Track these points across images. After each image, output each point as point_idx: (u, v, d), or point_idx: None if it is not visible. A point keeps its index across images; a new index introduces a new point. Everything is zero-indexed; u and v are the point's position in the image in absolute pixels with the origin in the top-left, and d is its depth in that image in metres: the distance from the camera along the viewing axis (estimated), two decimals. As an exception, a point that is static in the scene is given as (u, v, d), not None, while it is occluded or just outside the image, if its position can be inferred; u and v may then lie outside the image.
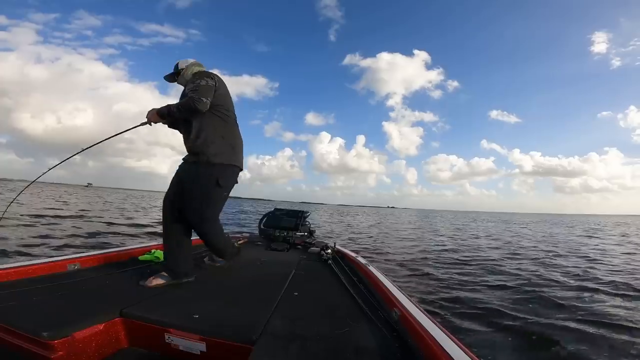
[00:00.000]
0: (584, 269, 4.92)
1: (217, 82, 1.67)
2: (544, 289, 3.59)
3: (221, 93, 1.69)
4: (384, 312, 1.31)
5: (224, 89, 1.73)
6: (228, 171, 1.70)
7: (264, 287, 1.62)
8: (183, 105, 1.57)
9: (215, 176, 1.63)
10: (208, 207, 1.66)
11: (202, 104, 1.55)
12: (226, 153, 1.67)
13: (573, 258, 6.18)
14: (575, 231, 15.37)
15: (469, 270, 4.62)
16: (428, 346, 0.91)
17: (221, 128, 1.68)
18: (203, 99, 1.55)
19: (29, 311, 1.10)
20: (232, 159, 1.71)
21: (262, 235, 3.48)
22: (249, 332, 1.05)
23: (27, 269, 1.50)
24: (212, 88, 1.62)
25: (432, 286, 3.64)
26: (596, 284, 3.92)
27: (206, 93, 1.58)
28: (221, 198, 1.73)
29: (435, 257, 5.76)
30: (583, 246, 8.40)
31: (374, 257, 5.56)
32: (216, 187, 1.64)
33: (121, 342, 1.16)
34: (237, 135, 1.80)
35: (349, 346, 1.01)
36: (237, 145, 1.77)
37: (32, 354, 0.95)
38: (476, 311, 2.79)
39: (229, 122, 1.74)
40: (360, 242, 7.97)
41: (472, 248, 7.31)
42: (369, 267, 1.99)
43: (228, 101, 1.75)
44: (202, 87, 1.58)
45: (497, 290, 3.55)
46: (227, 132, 1.72)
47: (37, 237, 5.09)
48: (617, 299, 3.32)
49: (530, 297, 3.25)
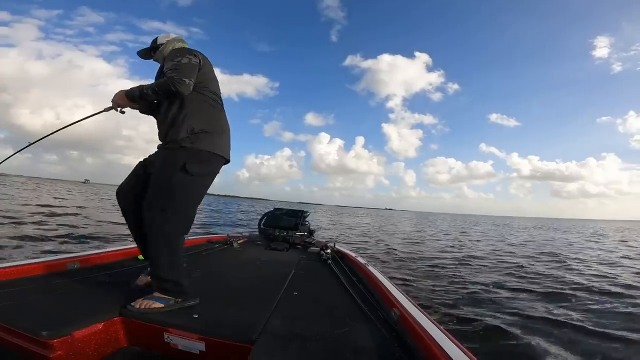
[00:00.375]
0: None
1: (202, 59, 1.41)
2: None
3: (206, 72, 1.43)
4: (383, 312, 1.31)
5: (209, 67, 1.47)
6: (202, 156, 1.36)
7: (263, 287, 1.62)
8: (160, 86, 1.29)
9: (183, 160, 1.31)
10: (162, 196, 1.29)
11: (184, 86, 1.28)
12: (206, 140, 1.38)
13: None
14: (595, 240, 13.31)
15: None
16: (427, 346, 0.92)
17: (205, 112, 1.42)
18: (185, 79, 1.28)
19: (28, 310, 1.10)
20: (211, 146, 1.39)
21: (262, 235, 3.48)
22: (248, 332, 1.05)
23: (26, 268, 1.50)
24: (196, 67, 1.36)
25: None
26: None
27: (189, 72, 1.31)
28: (187, 187, 1.33)
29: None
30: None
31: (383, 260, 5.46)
32: (179, 173, 1.30)
33: (120, 341, 1.16)
34: (223, 122, 1.51)
35: (348, 346, 1.01)
36: (222, 132, 1.47)
37: (32, 353, 0.95)
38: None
39: (216, 106, 1.48)
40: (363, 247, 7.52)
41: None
42: (368, 267, 1.99)
43: (215, 84, 1.50)
44: (183, 66, 1.31)
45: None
46: (212, 117, 1.44)
47: (17, 238, 4.67)
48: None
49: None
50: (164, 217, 1.27)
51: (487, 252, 7.29)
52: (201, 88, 1.41)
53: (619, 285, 4.14)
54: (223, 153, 1.46)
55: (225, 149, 1.48)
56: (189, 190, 1.35)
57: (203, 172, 1.39)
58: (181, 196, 1.32)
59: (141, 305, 1.19)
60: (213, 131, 1.42)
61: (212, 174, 1.45)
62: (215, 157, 1.42)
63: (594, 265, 5.79)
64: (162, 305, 1.22)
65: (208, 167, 1.42)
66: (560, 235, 15.84)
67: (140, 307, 1.18)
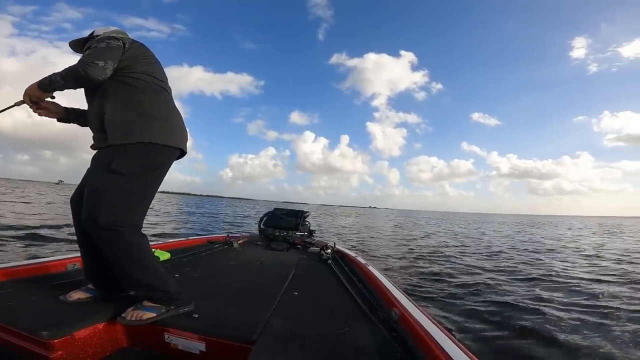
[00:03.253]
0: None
1: (128, 43, 1.21)
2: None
3: (136, 55, 1.23)
4: (383, 312, 1.31)
5: (142, 50, 1.27)
6: (133, 150, 1.16)
7: (263, 287, 1.62)
8: (69, 70, 1.11)
9: (109, 159, 1.13)
10: (99, 207, 1.10)
11: (96, 69, 1.08)
12: (141, 129, 1.17)
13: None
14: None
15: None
16: (427, 346, 0.92)
17: (138, 98, 1.21)
18: (98, 62, 1.09)
19: (29, 311, 1.10)
20: (150, 136, 1.18)
21: (262, 235, 3.49)
22: (248, 332, 1.05)
23: (27, 268, 1.50)
24: (116, 49, 1.15)
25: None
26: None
27: (104, 55, 1.11)
28: (119, 190, 1.13)
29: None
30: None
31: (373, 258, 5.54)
32: (108, 175, 1.12)
33: (121, 341, 1.16)
34: (166, 107, 1.29)
35: (348, 346, 1.01)
36: (165, 118, 1.26)
37: (32, 354, 0.95)
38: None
39: (156, 90, 1.27)
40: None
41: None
42: (368, 267, 1.99)
43: (155, 67, 1.30)
44: (98, 50, 1.13)
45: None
46: (149, 103, 1.22)
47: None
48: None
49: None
50: (110, 233, 1.11)
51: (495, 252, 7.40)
52: (129, 72, 1.20)
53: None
54: (169, 141, 1.24)
55: (172, 136, 1.26)
56: (124, 192, 1.15)
57: (137, 169, 1.17)
58: (116, 201, 1.12)
59: (132, 316, 1.12)
60: (152, 118, 1.21)
61: (152, 167, 1.22)
62: (156, 148, 1.21)
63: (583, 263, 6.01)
64: (154, 314, 1.13)
65: (145, 160, 1.19)
66: (542, 230, 16.59)
67: (131, 318, 1.11)
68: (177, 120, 1.32)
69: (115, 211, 1.12)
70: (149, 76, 1.25)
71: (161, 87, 1.29)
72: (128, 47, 1.20)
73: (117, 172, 1.12)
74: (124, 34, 1.33)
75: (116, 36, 1.20)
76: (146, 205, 1.26)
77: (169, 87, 1.34)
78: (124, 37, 1.24)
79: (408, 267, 4.88)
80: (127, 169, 1.14)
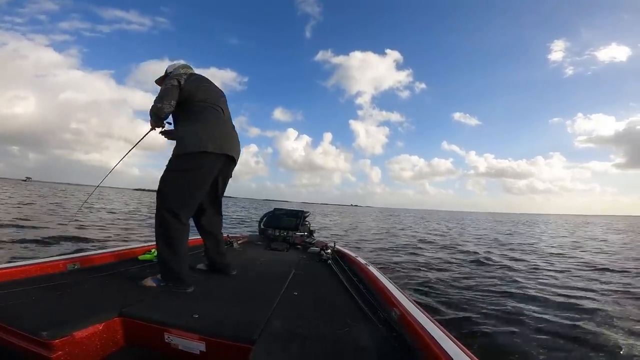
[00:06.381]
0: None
1: (184, 80, 1.64)
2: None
3: (191, 88, 1.65)
4: (383, 312, 1.31)
5: (194, 82, 1.68)
6: (183, 157, 1.59)
7: (263, 287, 1.62)
8: (150, 113, 1.67)
9: (167, 169, 1.62)
10: (158, 191, 1.60)
11: (158, 109, 1.60)
12: (184, 144, 1.59)
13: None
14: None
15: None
16: (427, 346, 0.92)
17: (191, 119, 1.64)
18: (158, 104, 1.59)
19: (29, 311, 1.10)
20: (192, 146, 1.57)
21: (262, 235, 3.49)
22: (248, 332, 1.05)
23: (27, 268, 1.50)
24: (172, 89, 1.60)
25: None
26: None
27: (162, 98, 1.60)
28: (167, 182, 1.59)
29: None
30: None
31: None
32: (164, 173, 1.61)
33: (121, 341, 1.16)
34: (206, 121, 1.66)
35: (348, 346, 1.01)
36: (207, 131, 1.62)
37: (32, 354, 0.95)
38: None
39: (200, 111, 1.66)
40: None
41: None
42: (368, 267, 2.00)
43: (201, 92, 1.69)
44: (160, 92, 1.62)
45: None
46: (197, 120, 1.64)
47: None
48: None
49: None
50: (157, 213, 1.56)
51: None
52: (188, 102, 1.65)
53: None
54: (209, 149, 1.59)
55: (211, 144, 1.60)
56: (170, 184, 1.58)
57: (179, 168, 1.60)
58: (166, 190, 1.58)
59: (145, 283, 1.52)
60: (195, 132, 1.60)
61: (192, 169, 1.59)
62: (196, 154, 1.58)
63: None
64: (154, 284, 1.51)
65: (185, 164, 1.59)
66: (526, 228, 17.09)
67: (144, 284, 1.52)
68: (222, 130, 1.71)
69: (163, 198, 1.56)
70: (202, 102, 1.67)
71: (212, 107, 1.71)
72: (184, 84, 1.63)
73: (168, 169, 1.61)
74: (188, 67, 1.84)
75: (176, 75, 1.66)
76: (184, 197, 1.59)
77: (220, 105, 1.76)
78: (184, 72, 1.72)
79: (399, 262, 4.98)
80: (173, 168, 1.60)
